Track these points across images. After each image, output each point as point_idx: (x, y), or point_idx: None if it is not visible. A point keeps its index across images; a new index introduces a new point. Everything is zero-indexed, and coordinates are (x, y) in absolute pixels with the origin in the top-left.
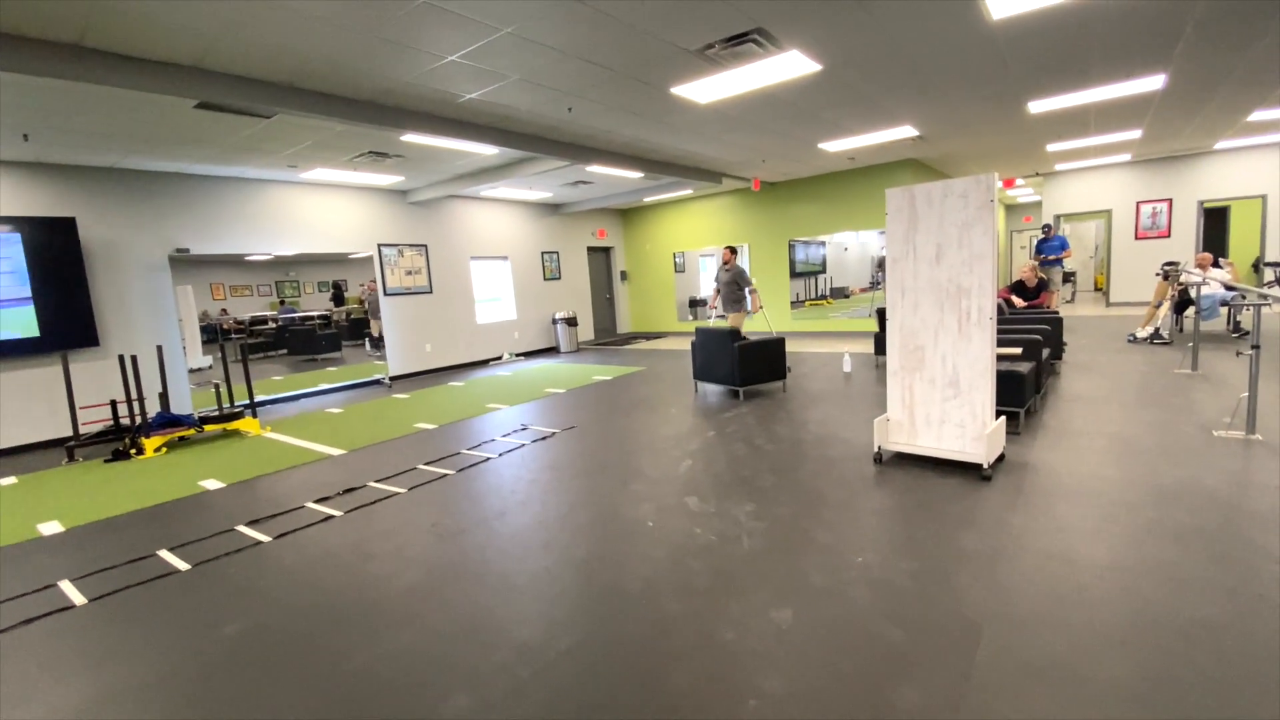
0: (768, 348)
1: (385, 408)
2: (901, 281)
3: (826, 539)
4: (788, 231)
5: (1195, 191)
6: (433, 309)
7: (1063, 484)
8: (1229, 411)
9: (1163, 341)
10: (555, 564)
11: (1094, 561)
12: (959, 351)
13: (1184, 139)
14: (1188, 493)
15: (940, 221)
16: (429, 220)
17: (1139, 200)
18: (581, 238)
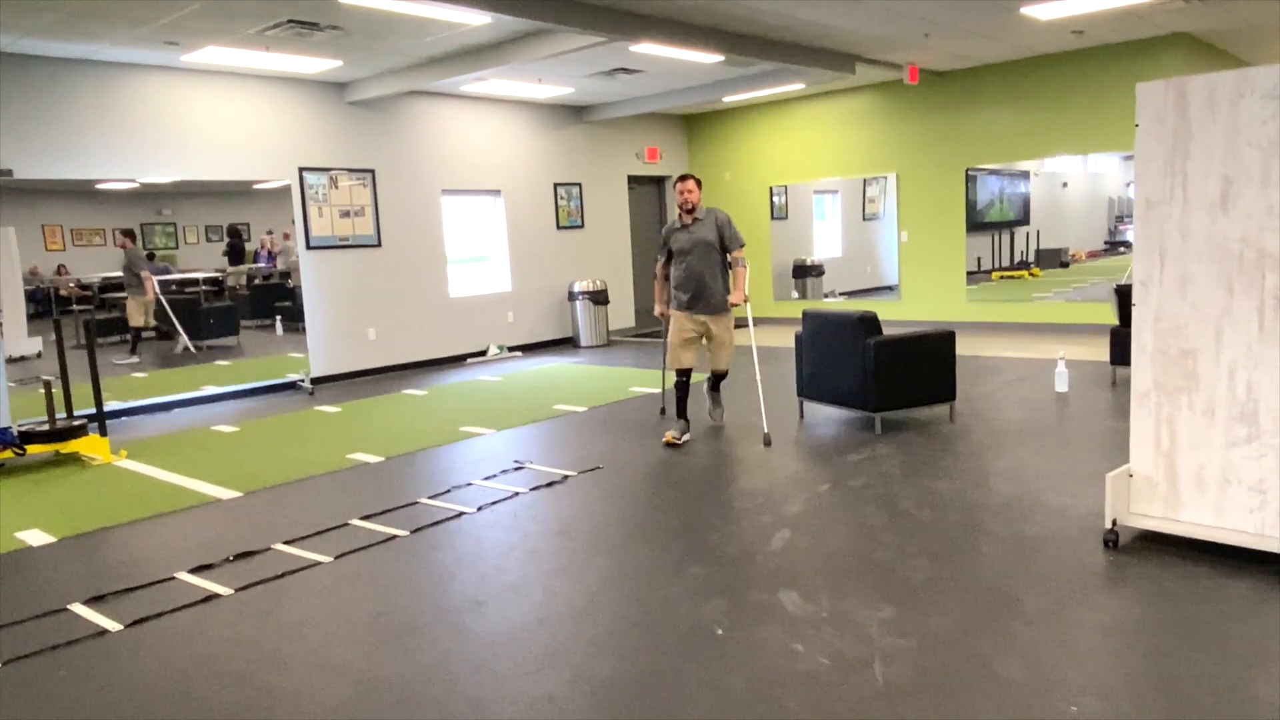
0: (927, 348)
1: (304, 426)
2: (1160, 241)
3: (1017, 673)
4: (964, 155)
5: None
6: (381, 272)
7: None
8: None
9: None
10: (564, 691)
11: None
12: (1259, 362)
13: None
14: None
15: (1230, 140)
16: (379, 131)
17: None
18: (619, 160)
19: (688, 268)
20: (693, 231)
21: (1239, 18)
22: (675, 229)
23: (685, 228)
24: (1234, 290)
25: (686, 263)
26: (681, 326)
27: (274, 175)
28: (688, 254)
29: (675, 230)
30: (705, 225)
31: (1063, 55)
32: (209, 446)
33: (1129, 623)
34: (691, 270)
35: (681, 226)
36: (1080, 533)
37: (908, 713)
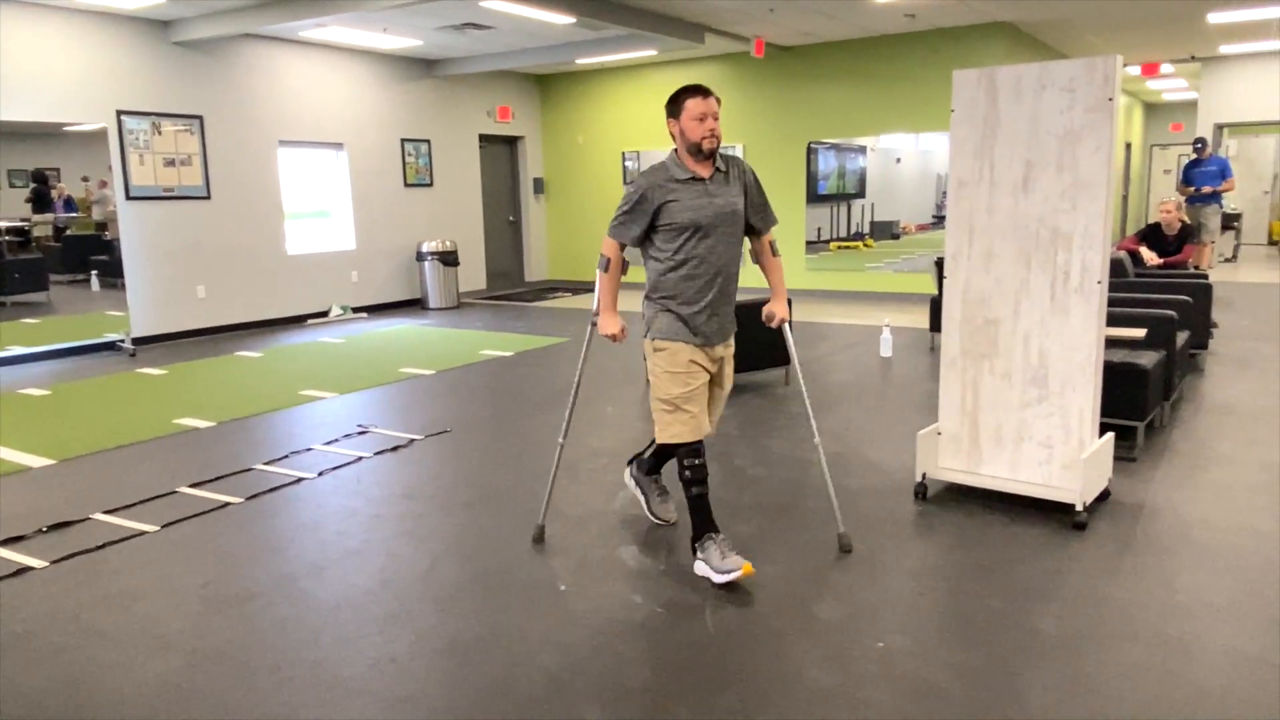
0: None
1: (125, 390)
2: (970, 218)
3: (834, 614)
4: (806, 129)
5: None
6: (211, 226)
7: (1192, 538)
8: None
9: None
10: (407, 651)
11: (1226, 651)
12: (1050, 331)
13: None
14: None
15: (1033, 127)
16: (209, 75)
17: None
18: (471, 118)
19: (706, 263)
20: (713, 194)
21: (1054, 10)
22: (673, 186)
23: (698, 183)
24: (1031, 266)
25: (703, 253)
26: (689, 367)
27: (87, 118)
28: (705, 235)
29: (675, 189)
30: (731, 184)
31: (897, 37)
32: (16, 411)
33: (934, 566)
34: (715, 267)
35: (689, 181)
36: (895, 486)
37: (736, 656)
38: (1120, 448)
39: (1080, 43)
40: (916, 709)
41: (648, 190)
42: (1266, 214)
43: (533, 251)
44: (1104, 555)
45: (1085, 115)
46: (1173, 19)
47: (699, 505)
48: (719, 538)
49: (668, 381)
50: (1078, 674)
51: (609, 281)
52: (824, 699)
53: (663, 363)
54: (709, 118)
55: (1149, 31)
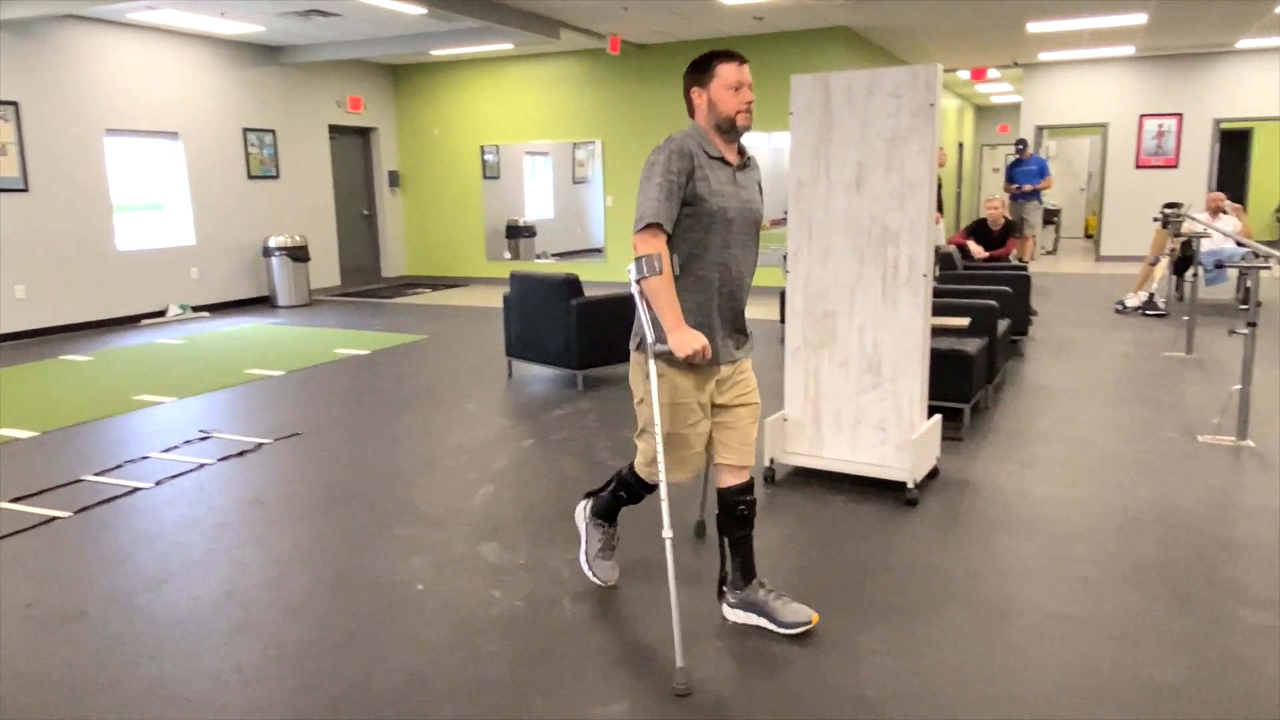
0: (625, 308)
1: None
2: (809, 216)
3: (685, 595)
4: (664, 126)
5: (1211, 107)
6: (29, 220)
7: (1010, 509)
8: (1221, 409)
9: (1157, 312)
10: (255, 661)
11: (1036, 610)
12: (882, 322)
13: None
14: (1159, 519)
15: (863, 130)
16: (24, 59)
17: (1142, 113)
18: (319, 108)
19: (720, 266)
20: (740, 184)
21: (888, 18)
22: (706, 160)
23: (727, 167)
24: (864, 260)
25: (715, 254)
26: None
27: None
28: (726, 230)
29: (708, 164)
30: (752, 178)
31: (747, 39)
32: None
33: (779, 545)
34: (730, 271)
35: (719, 161)
36: None
37: (594, 642)
38: (948, 428)
39: (915, 48)
40: (760, 681)
41: (685, 149)
42: (1083, 209)
43: (389, 246)
44: (932, 528)
45: (910, 119)
46: (996, 27)
47: (744, 549)
48: (768, 585)
49: (677, 414)
50: (907, 638)
51: (666, 286)
52: (672, 675)
53: (663, 395)
54: (745, 88)
55: (976, 39)
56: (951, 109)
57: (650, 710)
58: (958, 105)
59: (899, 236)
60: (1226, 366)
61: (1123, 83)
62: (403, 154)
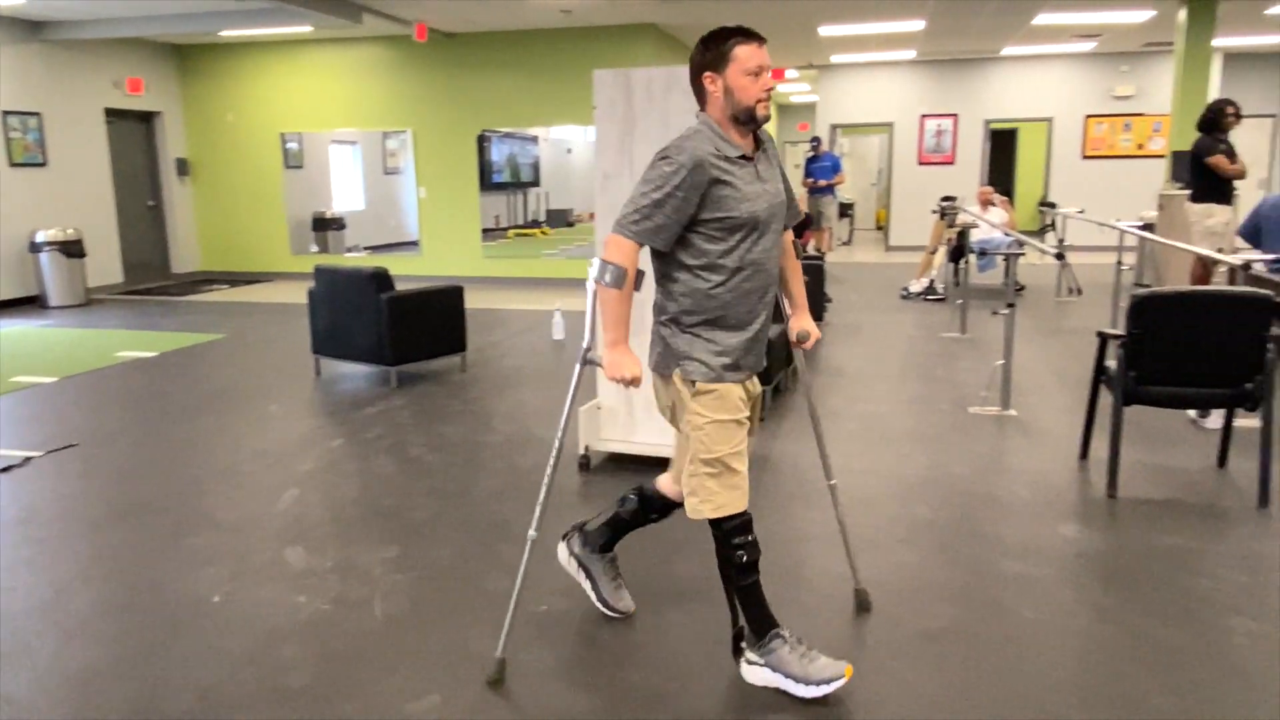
0: (438, 302)
1: None
2: (617, 209)
3: (502, 586)
4: (476, 117)
5: (982, 108)
6: None
7: (805, 481)
8: (987, 383)
9: (937, 297)
10: (26, 690)
11: (825, 573)
12: None
13: (970, 38)
14: (933, 483)
15: (665, 125)
16: None
17: (923, 114)
18: (93, 89)
19: (763, 272)
20: (763, 178)
21: (690, 15)
22: (725, 165)
23: (749, 163)
24: None
25: (759, 257)
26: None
27: None
28: (761, 234)
29: (728, 169)
30: (773, 165)
31: (558, 31)
32: None
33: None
34: (770, 276)
35: (741, 160)
36: (562, 459)
37: (405, 639)
38: None
39: None
40: (570, 663)
41: (701, 163)
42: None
43: (180, 240)
44: None
45: None
46: (791, 30)
47: (753, 597)
48: (789, 637)
49: (716, 435)
50: (710, 609)
51: (620, 302)
52: (486, 665)
53: (709, 410)
54: (765, 73)
55: (775, 40)
56: None
57: (463, 701)
58: None
59: None
60: (995, 344)
61: (906, 85)
62: (192, 141)
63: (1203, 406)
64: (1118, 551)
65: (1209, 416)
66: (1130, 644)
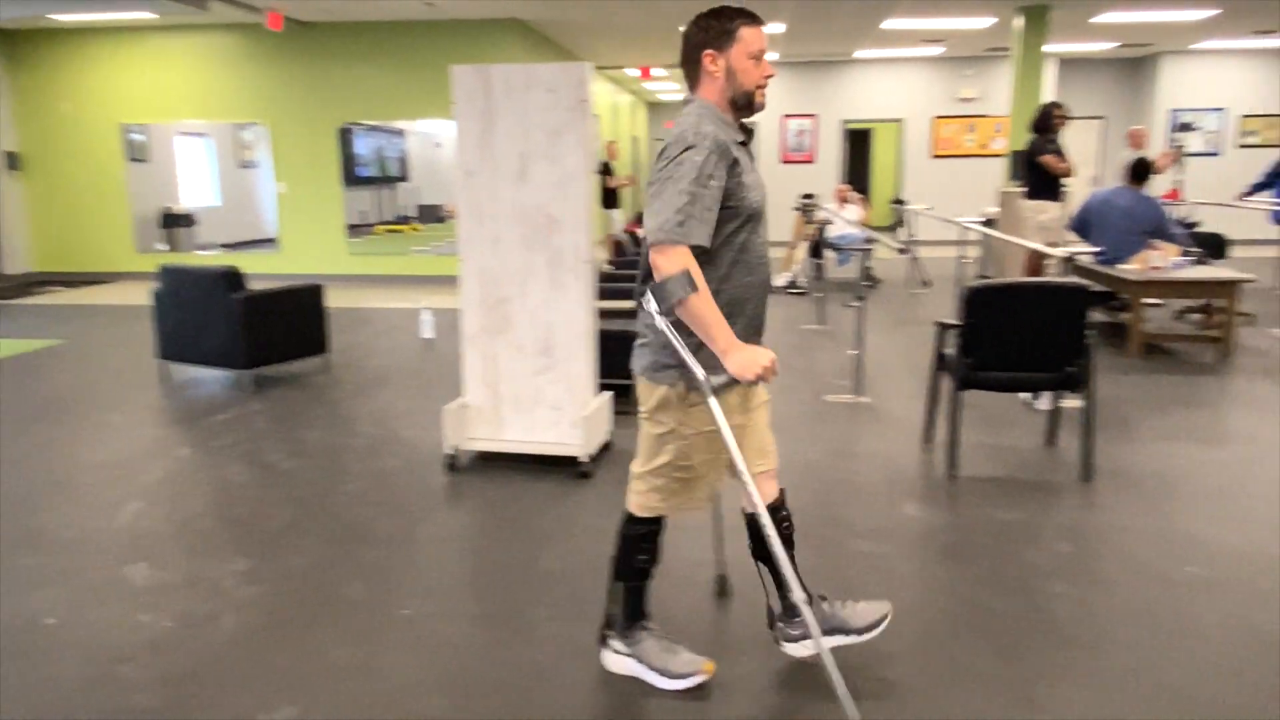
0: (296, 302)
1: None
2: (479, 205)
3: (362, 593)
4: (337, 110)
5: (839, 109)
6: None
7: None
8: (842, 372)
9: (799, 291)
10: None
11: (684, 560)
12: (552, 306)
13: (827, 41)
14: (791, 469)
15: (525, 123)
16: None
17: (785, 114)
18: None
19: (763, 264)
20: (754, 166)
21: (558, 13)
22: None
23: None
24: (533, 248)
25: (759, 249)
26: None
27: None
28: (758, 224)
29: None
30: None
31: (423, 24)
32: None
33: (460, 531)
34: (768, 268)
35: (740, 146)
36: (428, 461)
37: (255, 653)
38: (621, 404)
39: (586, 45)
40: (436, 664)
41: (725, 145)
42: None
43: (10, 238)
44: (604, 497)
45: (567, 114)
46: (654, 28)
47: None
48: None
49: (700, 446)
50: (576, 600)
51: (708, 302)
52: (348, 674)
53: (698, 422)
54: (764, 58)
55: (639, 38)
56: (625, 104)
57: (321, 711)
58: (630, 101)
59: (563, 225)
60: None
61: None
62: (24, 133)
63: (1030, 390)
64: (956, 527)
65: (1040, 398)
66: (966, 613)
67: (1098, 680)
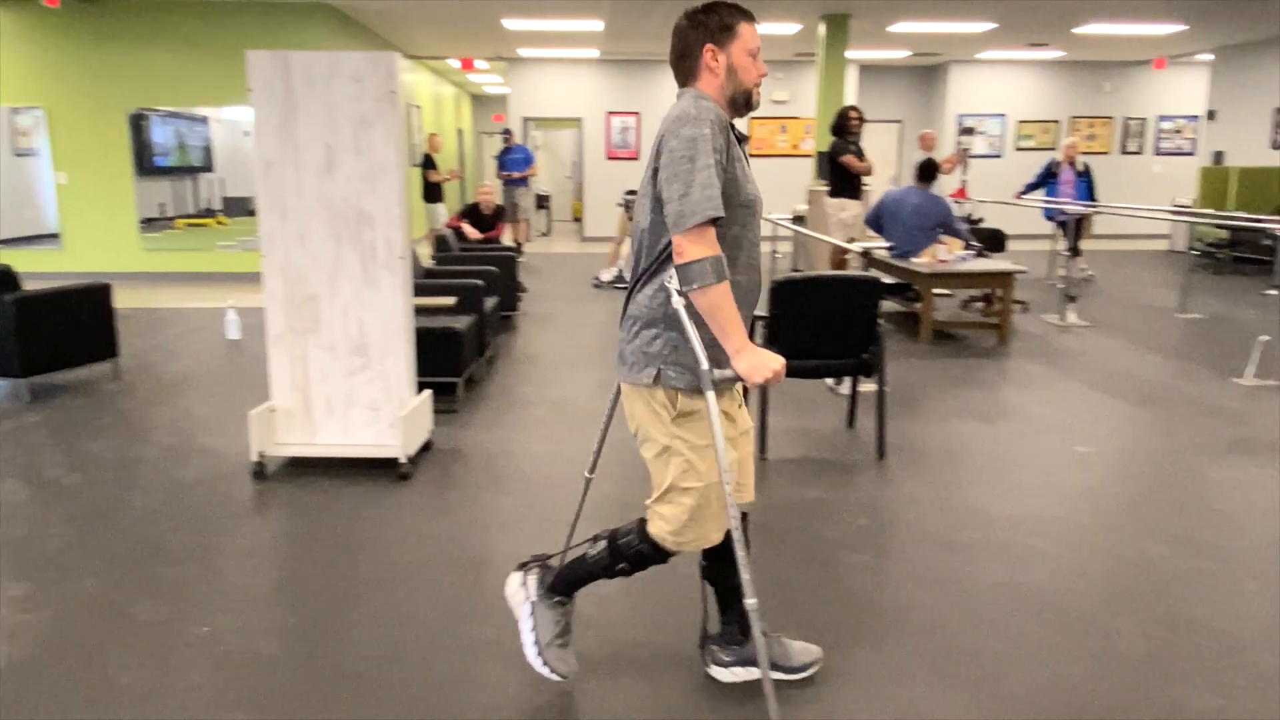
0: (79, 303)
1: None
2: (281, 198)
3: (156, 613)
4: (128, 95)
5: (661, 107)
6: None
7: (495, 470)
8: None
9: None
10: None
11: (509, 556)
12: (365, 303)
13: (646, 41)
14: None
15: (330, 113)
16: None
17: (609, 111)
18: None
19: (756, 259)
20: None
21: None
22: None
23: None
24: (342, 243)
25: (754, 240)
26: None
27: None
28: (755, 216)
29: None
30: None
31: (223, 5)
32: None
33: (268, 541)
34: (758, 264)
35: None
36: (233, 469)
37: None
38: (443, 402)
39: (404, 35)
40: (238, 681)
41: (725, 123)
42: (570, 195)
43: None
44: (424, 498)
45: (375, 105)
46: (474, 20)
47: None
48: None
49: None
50: (394, 604)
51: (730, 297)
52: (138, 699)
53: (694, 435)
54: (752, 39)
55: (459, 30)
56: (449, 96)
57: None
58: (454, 93)
59: (374, 220)
60: None
61: (593, 83)
62: None
63: (831, 375)
64: (765, 508)
65: (842, 383)
66: (772, 589)
67: (889, 641)
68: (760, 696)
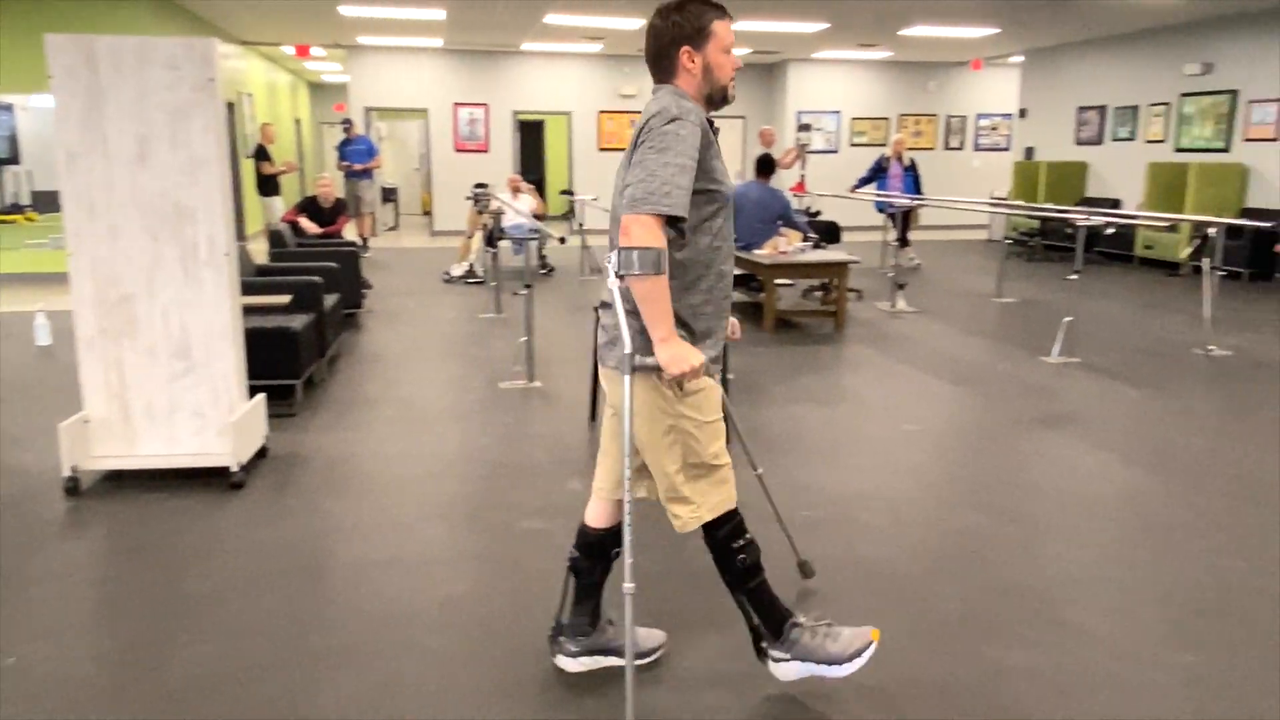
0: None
1: None
2: (89, 192)
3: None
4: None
5: (510, 100)
6: None
7: (338, 473)
8: (515, 358)
9: (477, 280)
10: None
11: (357, 560)
12: (187, 304)
13: (491, 32)
14: (463, 458)
15: (142, 101)
16: None
17: (456, 102)
18: None
19: (732, 253)
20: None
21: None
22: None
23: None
24: (160, 240)
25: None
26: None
27: None
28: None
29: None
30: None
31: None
32: None
33: (84, 561)
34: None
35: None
36: (43, 487)
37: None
38: (280, 405)
39: (236, 21)
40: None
41: (705, 125)
42: (419, 188)
43: None
44: (259, 507)
45: (192, 94)
46: (308, 6)
47: (762, 597)
48: (806, 622)
49: (710, 436)
50: (226, 618)
51: (666, 290)
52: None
53: (697, 411)
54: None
55: (293, 15)
56: (284, 84)
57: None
58: (290, 81)
59: (195, 215)
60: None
61: (438, 73)
62: None
63: None
64: None
65: None
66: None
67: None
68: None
